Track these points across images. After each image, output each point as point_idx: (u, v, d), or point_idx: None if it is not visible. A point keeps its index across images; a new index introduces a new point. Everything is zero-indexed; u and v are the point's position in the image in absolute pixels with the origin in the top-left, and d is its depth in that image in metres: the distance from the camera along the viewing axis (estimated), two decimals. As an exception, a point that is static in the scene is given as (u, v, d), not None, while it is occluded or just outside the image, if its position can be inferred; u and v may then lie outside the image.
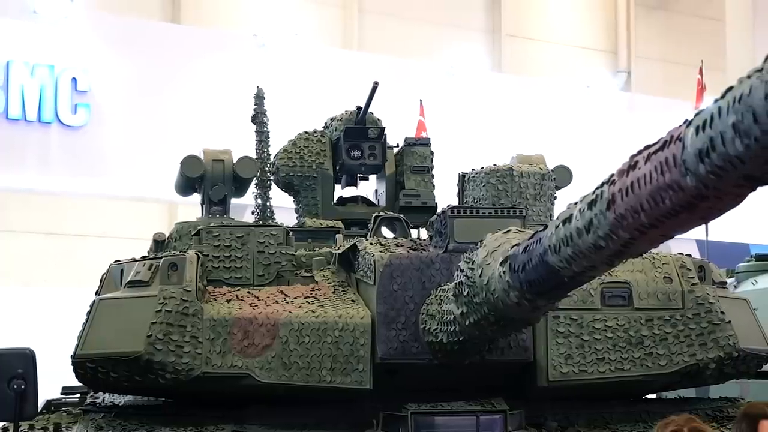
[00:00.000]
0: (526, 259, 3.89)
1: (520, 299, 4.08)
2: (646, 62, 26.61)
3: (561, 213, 3.63)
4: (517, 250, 4.02)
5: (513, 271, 4.01)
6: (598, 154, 18.76)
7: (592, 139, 19.48)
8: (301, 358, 5.29)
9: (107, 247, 18.81)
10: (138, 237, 18.73)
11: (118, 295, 5.50)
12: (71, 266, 18.83)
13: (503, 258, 4.13)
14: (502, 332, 4.83)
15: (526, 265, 3.90)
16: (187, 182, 7.71)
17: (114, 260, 5.99)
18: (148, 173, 16.40)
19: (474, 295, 4.45)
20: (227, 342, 5.28)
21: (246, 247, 5.86)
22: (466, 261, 4.55)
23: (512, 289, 4.06)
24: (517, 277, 3.99)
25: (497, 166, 6.94)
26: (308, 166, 7.99)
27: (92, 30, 15.70)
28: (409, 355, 5.29)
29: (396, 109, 8.90)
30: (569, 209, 3.56)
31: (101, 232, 19.64)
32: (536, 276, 3.86)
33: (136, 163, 16.15)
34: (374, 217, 6.11)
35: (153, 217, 19.93)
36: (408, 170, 8.10)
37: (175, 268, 5.40)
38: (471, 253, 4.54)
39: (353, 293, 5.68)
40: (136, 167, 16.25)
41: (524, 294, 4.03)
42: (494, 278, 4.21)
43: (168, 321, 5.25)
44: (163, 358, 5.21)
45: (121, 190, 16.72)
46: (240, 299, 5.51)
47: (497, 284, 4.18)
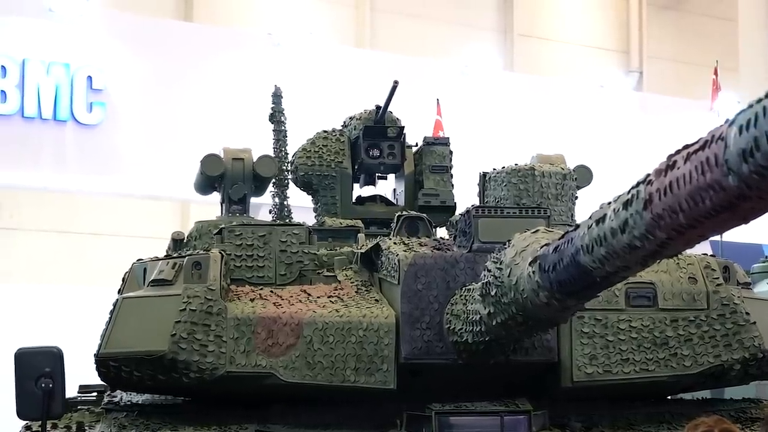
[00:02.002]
0: (556, 259, 3.87)
1: (550, 299, 4.05)
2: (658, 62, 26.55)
3: (594, 213, 3.60)
4: (546, 250, 4.00)
5: (543, 271, 3.99)
6: (612, 153, 18.72)
7: (606, 139, 19.43)
8: (325, 358, 5.27)
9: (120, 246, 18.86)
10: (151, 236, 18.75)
11: (142, 294, 5.49)
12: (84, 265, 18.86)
13: (532, 258, 4.11)
14: (529, 332, 4.81)
15: (556, 265, 3.87)
16: (207, 181, 7.71)
17: (137, 259, 5.98)
18: (162, 171, 16.40)
19: (502, 295, 4.43)
20: (251, 341, 5.27)
21: (268, 246, 5.85)
22: (493, 261, 4.52)
23: (542, 289, 4.03)
24: (547, 277, 3.96)
25: (518, 166, 6.93)
26: (327, 165, 7.97)
27: (108, 28, 15.70)
28: (434, 355, 5.27)
29: (410, 108, 8.87)
30: (602, 209, 3.53)
31: (114, 230, 19.67)
32: (567, 276, 3.83)
33: (150, 161, 16.15)
34: (397, 217, 6.09)
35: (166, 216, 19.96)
36: (427, 169, 8.08)
37: (199, 266, 5.39)
38: (498, 252, 4.52)
39: (376, 293, 5.66)
40: (150, 165, 16.26)
41: (554, 294, 4.00)
42: (523, 278, 4.19)
43: (192, 320, 5.24)
44: (187, 357, 5.20)
45: (135, 189, 16.72)
46: (263, 298, 5.49)
47: (526, 284, 4.16)
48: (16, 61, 15.17)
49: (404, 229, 6.01)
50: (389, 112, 8.15)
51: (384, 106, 7.99)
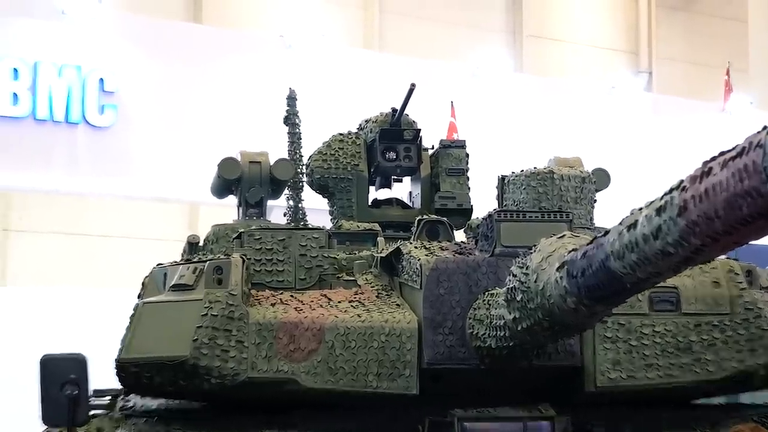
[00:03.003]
0: (585, 264, 3.86)
1: (578, 305, 4.04)
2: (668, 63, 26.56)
3: (624, 218, 3.60)
4: (575, 256, 3.99)
5: (571, 276, 3.98)
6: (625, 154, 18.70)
7: (618, 140, 19.42)
8: (347, 363, 5.26)
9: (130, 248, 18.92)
10: (160, 238, 18.86)
11: (162, 299, 5.48)
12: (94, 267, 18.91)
13: (560, 263, 4.10)
14: (555, 338, 4.79)
15: (585, 271, 3.87)
16: (224, 184, 7.71)
17: (156, 263, 5.98)
18: (172, 174, 16.43)
19: (528, 301, 4.42)
20: (273, 346, 5.26)
21: (288, 250, 5.85)
22: (519, 266, 4.51)
23: (569, 294, 4.02)
24: (575, 283, 3.96)
25: (537, 169, 6.92)
26: (343, 168, 7.98)
27: (120, 31, 15.70)
28: (456, 360, 5.26)
29: (422, 111, 8.86)
30: (633, 215, 3.53)
31: (124, 232, 19.74)
32: (596, 282, 3.83)
33: (160, 163, 16.18)
34: (418, 221, 6.09)
35: (175, 218, 20.04)
36: (443, 172, 8.08)
37: (220, 271, 5.38)
38: (524, 257, 4.50)
39: (397, 297, 5.65)
40: (160, 168, 16.29)
41: (582, 300, 3.99)
42: (550, 284, 4.18)
43: (214, 325, 5.23)
44: (209, 363, 5.19)
45: (145, 191, 16.75)
46: (284, 303, 5.49)
47: (553, 290, 4.15)
48: (28, 63, 15.18)
49: (425, 233, 6.01)
50: (406, 115, 8.15)
51: (401, 109, 8.00)
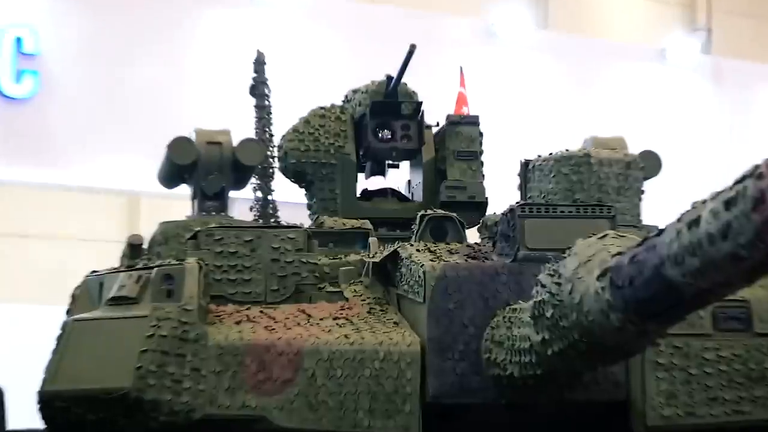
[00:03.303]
0: (634, 272, 3.86)
1: (624, 323, 4.04)
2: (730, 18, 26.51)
3: (684, 214, 3.59)
4: (620, 261, 3.99)
5: (615, 287, 3.98)
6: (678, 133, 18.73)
7: (669, 115, 19.43)
8: (331, 397, 5.25)
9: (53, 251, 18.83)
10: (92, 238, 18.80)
11: (98, 316, 5.47)
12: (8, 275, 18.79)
13: (601, 270, 4.10)
14: (594, 364, 4.79)
15: (633, 280, 3.87)
16: (175, 170, 7.72)
17: (90, 271, 5.99)
18: (107, 158, 16.41)
19: (560, 317, 4.42)
20: (238, 375, 5.25)
21: (256, 254, 5.84)
22: (549, 274, 4.51)
23: (614, 309, 4.02)
24: (620, 295, 3.96)
25: (570, 152, 6.93)
26: (325, 151, 8.00)
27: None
28: (469, 393, 5.25)
29: (424, 78, 8.87)
30: (695, 209, 3.52)
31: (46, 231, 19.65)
32: (648, 294, 3.83)
33: (92, 144, 16.15)
34: (420, 217, 6.09)
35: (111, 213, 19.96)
36: (451, 156, 8.10)
37: (170, 281, 5.38)
38: (556, 263, 4.50)
39: (394, 313, 5.66)
40: (92, 150, 16.27)
41: (629, 316, 4.00)
42: (589, 296, 4.17)
43: (163, 348, 5.22)
44: (157, 396, 5.17)
45: (73, 179, 16.73)
46: (252, 321, 5.48)
47: (593, 303, 4.15)
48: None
49: (429, 232, 6.01)
50: (403, 84, 8.16)
51: (397, 76, 8.00)
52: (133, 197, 19.24)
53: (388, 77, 8.11)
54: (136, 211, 19.73)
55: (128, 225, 18.86)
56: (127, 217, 19.78)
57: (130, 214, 19.79)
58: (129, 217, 19.77)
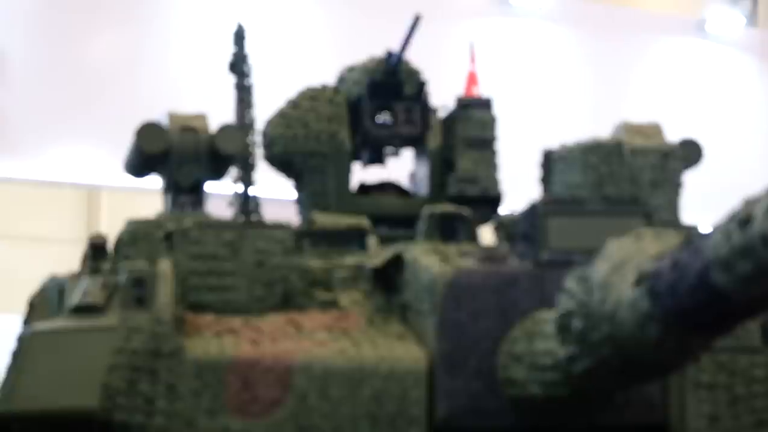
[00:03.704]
0: (676, 278, 3.90)
1: (664, 336, 4.08)
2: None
3: (733, 212, 3.63)
4: (659, 266, 4.02)
5: (654, 295, 4.02)
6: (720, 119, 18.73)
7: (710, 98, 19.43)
8: (325, 420, 5.28)
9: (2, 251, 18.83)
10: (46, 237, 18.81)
11: (60, 327, 5.50)
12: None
13: (638, 276, 4.13)
14: (628, 383, 4.83)
15: (675, 287, 3.90)
16: (145, 160, 7.71)
17: (48, 275, 6.00)
18: (64, 147, 16.40)
19: (590, 330, 4.45)
20: (219, 395, 5.28)
21: (239, 256, 5.87)
22: (577, 280, 4.54)
23: (652, 320, 4.06)
24: (660, 304, 3.99)
25: (599, 140, 6.95)
26: (316, 138, 7.99)
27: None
28: (483, 416, 5.28)
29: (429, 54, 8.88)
30: (746, 206, 3.56)
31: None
32: (691, 303, 3.86)
33: (47, 132, 16.14)
34: (426, 215, 6.10)
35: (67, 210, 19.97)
36: (461, 144, 8.09)
37: (141, 286, 5.40)
38: (584, 268, 4.53)
39: (397, 324, 5.68)
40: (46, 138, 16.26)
41: (670, 328, 4.04)
42: (623, 305, 4.21)
43: (133, 364, 5.26)
44: (127, 418, 5.22)
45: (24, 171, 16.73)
46: (235, 333, 5.51)
47: (628, 314, 4.18)
48: None
49: (437, 231, 6.03)
50: (405, 61, 8.16)
51: (400, 52, 8.00)
52: (92, 191, 19.24)
53: (388, 53, 8.11)
54: (96, 207, 19.74)
55: (87, 223, 18.88)
56: (86, 214, 19.78)
57: (89, 210, 19.79)
58: (88, 213, 19.77)
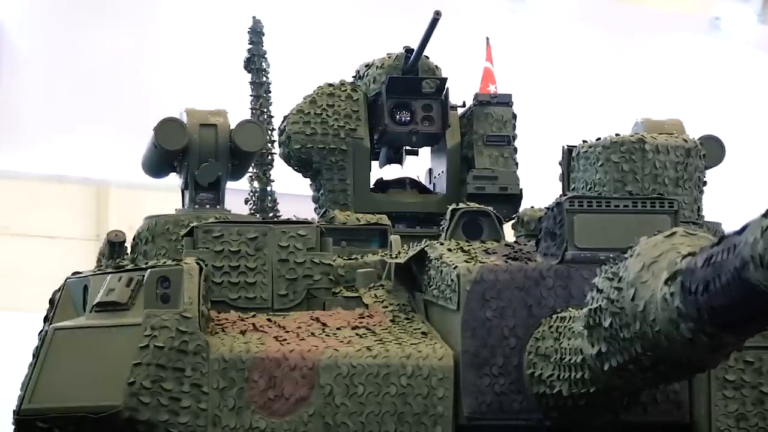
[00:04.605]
0: (710, 275, 3.88)
1: (696, 334, 4.06)
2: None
3: None
4: (692, 263, 4.01)
5: (687, 292, 4.00)
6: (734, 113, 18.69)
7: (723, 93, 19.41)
8: (351, 418, 5.28)
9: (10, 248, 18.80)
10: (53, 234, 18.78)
11: (83, 324, 5.49)
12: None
13: (670, 273, 4.12)
14: (657, 381, 4.81)
15: (709, 285, 3.88)
16: (164, 157, 7.72)
17: (72, 272, 5.99)
18: (73, 143, 16.39)
19: (621, 327, 4.44)
20: (244, 393, 5.28)
21: (262, 253, 5.88)
22: (608, 277, 4.53)
23: (685, 318, 4.04)
24: (694, 302, 3.97)
25: (621, 137, 6.94)
26: (334, 135, 7.99)
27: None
28: (509, 414, 5.29)
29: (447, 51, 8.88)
30: None
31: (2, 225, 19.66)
32: (726, 300, 3.84)
33: (56, 127, 16.14)
34: (451, 211, 6.10)
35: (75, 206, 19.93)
36: (480, 141, 8.11)
37: (166, 284, 5.39)
38: (615, 265, 4.52)
39: (422, 322, 5.68)
40: (56, 133, 16.25)
41: (703, 326, 4.01)
42: (655, 303, 4.19)
43: (159, 362, 5.25)
44: (152, 416, 5.21)
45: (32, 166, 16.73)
46: (260, 330, 5.51)
47: (660, 311, 4.17)
48: None
49: (461, 228, 6.02)
50: (424, 58, 8.17)
51: (418, 49, 8.00)
52: (101, 187, 19.23)
53: (406, 50, 8.11)
54: (105, 204, 19.71)
55: (97, 219, 18.86)
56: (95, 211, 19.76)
57: (98, 206, 19.77)
58: (97, 210, 19.75)
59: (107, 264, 7.11)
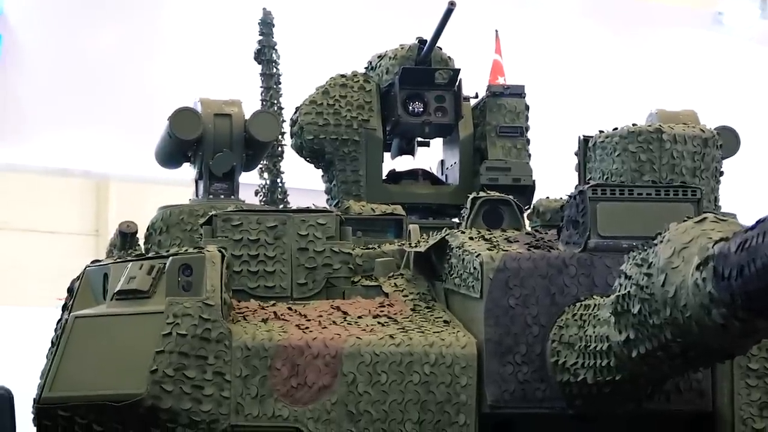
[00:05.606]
0: (744, 260, 3.88)
1: (729, 319, 4.06)
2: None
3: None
4: (725, 248, 4.01)
5: (720, 277, 4.00)
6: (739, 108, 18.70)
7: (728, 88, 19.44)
8: (374, 406, 5.29)
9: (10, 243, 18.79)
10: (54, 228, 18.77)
11: (104, 312, 5.49)
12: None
13: (702, 259, 4.12)
14: (685, 368, 4.81)
15: (743, 270, 3.88)
16: (178, 147, 7.71)
17: (91, 260, 6.00)
18: (75, 135, 16.38)
19: (650, 314, 4.44)
20: (267, 381, 5.28)
21: (281, 242, 5.88)
22: (637, 263, 4.53)
23: (717, 304, 4.04)
24: (727, 287, 3.97)
25: (638, 127, 6.94)
26: (347, 126, 8.01)
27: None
28: (533, 402, 5.29)
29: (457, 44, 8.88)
30: None
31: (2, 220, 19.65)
32: (762, 284, 3.84)
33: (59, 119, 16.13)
34: (471, 200, 6.11)
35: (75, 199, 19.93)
36: (493, 132, 8.13)
37: (189, 271, 5.39)
38: (644, 251, 4.52)
39: (442, 311, 5.69)
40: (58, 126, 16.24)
41: (736, 311, 4.01)
42: (686, 288, 4.20)
43: (181, 350, 5.25)
44: (175, 404, 5.21)
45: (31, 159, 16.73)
46: (281, 318, 5.51)
47: (691, 297, 4.17)
48: None
49: (482, 217, 6.02)
50: (437, 49, 8.18)
51: (432, 39, 8.01)
52: (102, 180, 19.22)
53: (420, 41, 8.12)
54: (105, 197, 19.72)
55: (96, 212, 18.87)
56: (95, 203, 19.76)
57: (98, 199, 19.77)
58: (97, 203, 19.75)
59: (119, 255, 7.12)
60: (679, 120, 7.36)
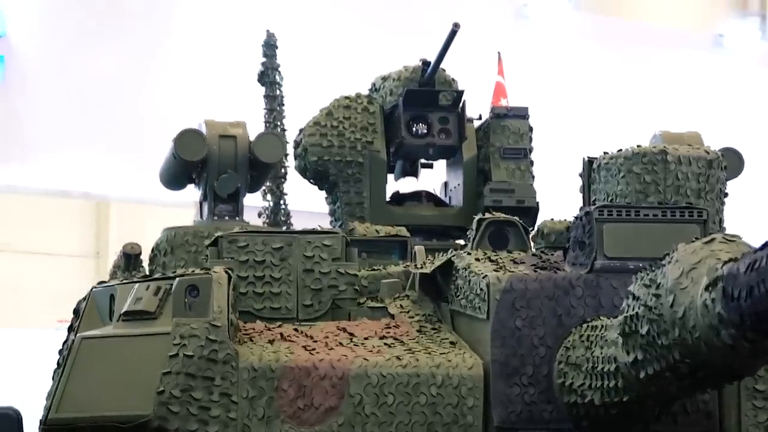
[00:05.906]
0: (753, 280, 3.88)
1: (738, 340, 4.06)
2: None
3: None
4: (734, 268, 4.01)
5: (729, 298, 4.00)
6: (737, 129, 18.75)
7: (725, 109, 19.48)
8: (381, 427, 5.27)
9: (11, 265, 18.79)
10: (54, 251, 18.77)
11: (111, 333, 5.47)
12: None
13: (711, 279, 4.12)
14: (693, 390, 4.80)
15: (753, 290, 3.88)
16: (183, 168, 7.73)
17: (98, 281, 5.99)
18: (76, 157, 16.40)
19: (659, 334, 4.43)
20: (273, 402, 5.27)
21: (287, 263, 5.88)
22: (645, 284, 4.53)
23: (726, 324, 4.04)
24: (736, 307, 3.97)
25: (643, 149, 6.95)
26: (351, 147, 8.02)
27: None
28: (540, 423, 5.27)
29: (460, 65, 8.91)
30: None
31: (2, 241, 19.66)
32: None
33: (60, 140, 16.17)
34: (477, 221, 6.11)
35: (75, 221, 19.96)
36: (497, 153, 8.14)
37: (195, 292, 5.38)
38: (652, 272, 4.52)
39: (448, 332, 5.69)
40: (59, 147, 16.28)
41: (745, 332, 4.01)
42: (695, 309, 4.20)
43: (188, 371, 5.23)
44: (182, 426, 5.19)
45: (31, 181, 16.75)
46: (287, 339, 5.50)
47: (700, 318, 4.17)
48: None
49: (488, 238, 6.02)
50: (441, 70, 8.20)
51: (435, 61, 8.04)
52: (102, 203, 19.24)
53: (423, 62, 8.14)
54: (105, 218, 19.74)
55: (97, 234, 18.87)
56: (96, 224, 19.77)
57: (99, 221, 19.78)
58: (97, 224, 19.76)
59: (124, 276, 7.13)
60: (683, 141, 7.39)
